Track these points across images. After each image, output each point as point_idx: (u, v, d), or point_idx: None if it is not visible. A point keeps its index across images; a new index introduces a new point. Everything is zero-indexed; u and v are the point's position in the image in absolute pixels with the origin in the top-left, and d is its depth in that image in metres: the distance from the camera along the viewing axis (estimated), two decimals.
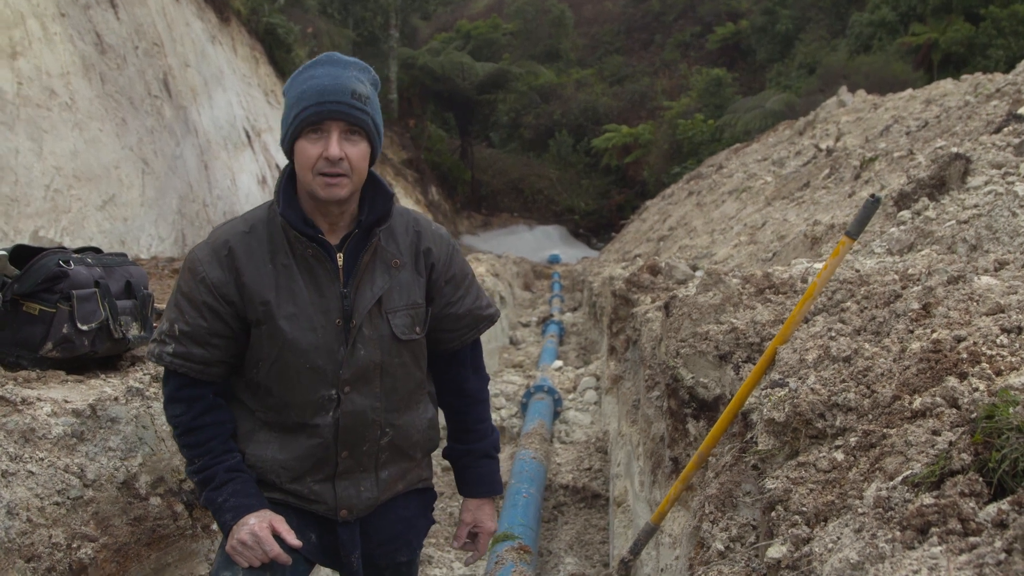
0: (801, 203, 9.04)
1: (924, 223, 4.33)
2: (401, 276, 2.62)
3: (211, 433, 2.49)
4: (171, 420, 2.51)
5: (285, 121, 2.46)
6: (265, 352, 2.48)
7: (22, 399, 2.48)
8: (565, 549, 5.73)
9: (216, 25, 21.34)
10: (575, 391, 9.68)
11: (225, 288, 2.43)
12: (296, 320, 2.46)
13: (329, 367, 2.51)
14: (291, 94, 2.45)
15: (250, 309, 2.45)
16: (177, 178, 14.95)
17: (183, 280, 2.47)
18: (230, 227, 2.53)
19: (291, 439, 2.55)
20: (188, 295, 2.44)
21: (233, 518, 2.41)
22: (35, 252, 3.02)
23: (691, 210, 17.71)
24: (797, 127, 20.42)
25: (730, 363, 3.50)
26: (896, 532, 1.57)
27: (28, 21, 11.31)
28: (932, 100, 12.41)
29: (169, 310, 2.48)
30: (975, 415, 1.76)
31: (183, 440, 2.49)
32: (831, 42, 44.02)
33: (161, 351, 2.44)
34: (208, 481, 2.45)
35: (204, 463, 2.46)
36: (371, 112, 2.46)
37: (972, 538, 1.42)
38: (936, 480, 1.64)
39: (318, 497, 2.60)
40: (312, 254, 2.47)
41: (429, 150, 48.74)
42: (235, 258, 2.44)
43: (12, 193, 9.92)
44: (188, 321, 2.43)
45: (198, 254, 2.47)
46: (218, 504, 2.44)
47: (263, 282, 2.44)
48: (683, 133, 43.79)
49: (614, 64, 62.51)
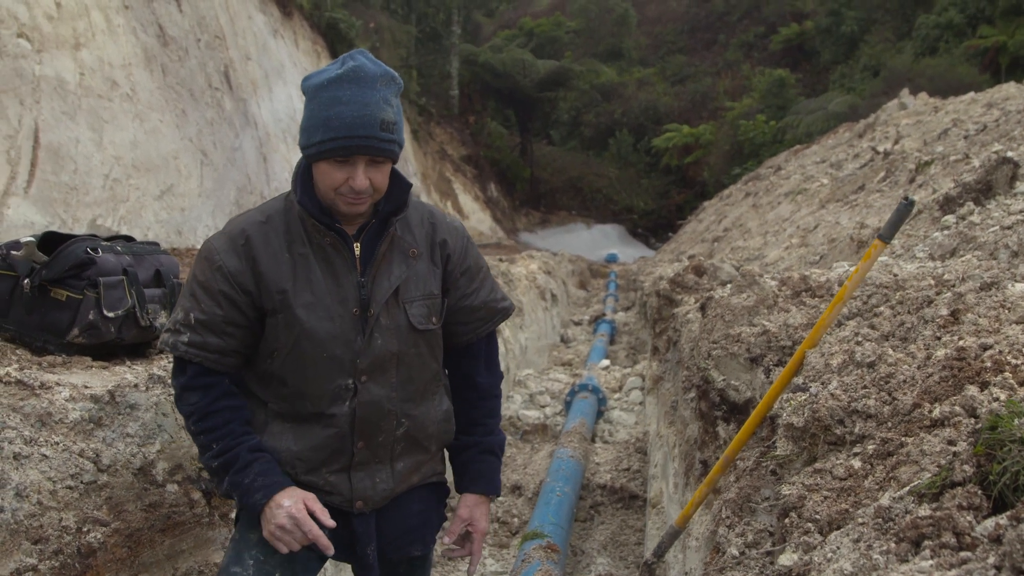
0: (854, 206, 8.89)
1: (968, 228, 4.22)
2: (418, 266, 2.62)
3: (229, 416, 2.46)
4: (186, 408, 2.47)
5: (307, 133, 2.39)
6: (281, 341, 2.47)
7: (40, 383, 2.50)
8: (598, 549, 5.69)
9: (278, 19, 21.57)
10: (621, 391, 9.61)
11: (242, 277, 2.42)
12: (313, 309, 2.45)
13: (346, 356, 2.50)
14: (316, 113, 2.37)
15: (267, 298, 2.44)
16: (235, 170, 15.11)
17: (198, 269, 2.45)
18: (246, 217, 2.53)
19: (306, 430, 2.53)
20: (204, 284, 2.43)
21: (264, 497, 2.38)
22: (64, 239, 3.06)
23: (746, 211, 17.53)
24: (857, 129, 20.13)
25: (761, 366, 3.44)
26: (892, 544, 1.52)
27: (92, 13, 11.50)
28: (993, 104, 12.14)
29: (184, 299, 2.47)
30: (980, 426, 1.70)
31: (200, 426, 2.44)
32: (896, 44, 43.28)
33: (176, 340, 2.42)
34: (231, 463, 2.41)
35: (225, 445, 2.43)
36: (397, 138, 2.43)
37: (964, 553, 1.37)
38: (937, 492, 1.59)
39: (333, 488, 2.59)
40: (330, 243, 2.47)
41: (489, 147, 48.86)
42: (252, 247, 2.44)
43: (72, 182, 10.09)
44: (204, 309, 2.42)
45: (214, 243, 2.46)
46: (245, 485, 2.40)
47: (280, 271, 2.44)
48: (744, 134, 43.38)
49: (676, 63, 62.08)
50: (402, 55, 38.26)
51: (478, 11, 59.67)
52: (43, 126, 9.74)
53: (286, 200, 2.54)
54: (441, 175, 38.88)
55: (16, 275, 2.96)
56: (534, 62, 50.02)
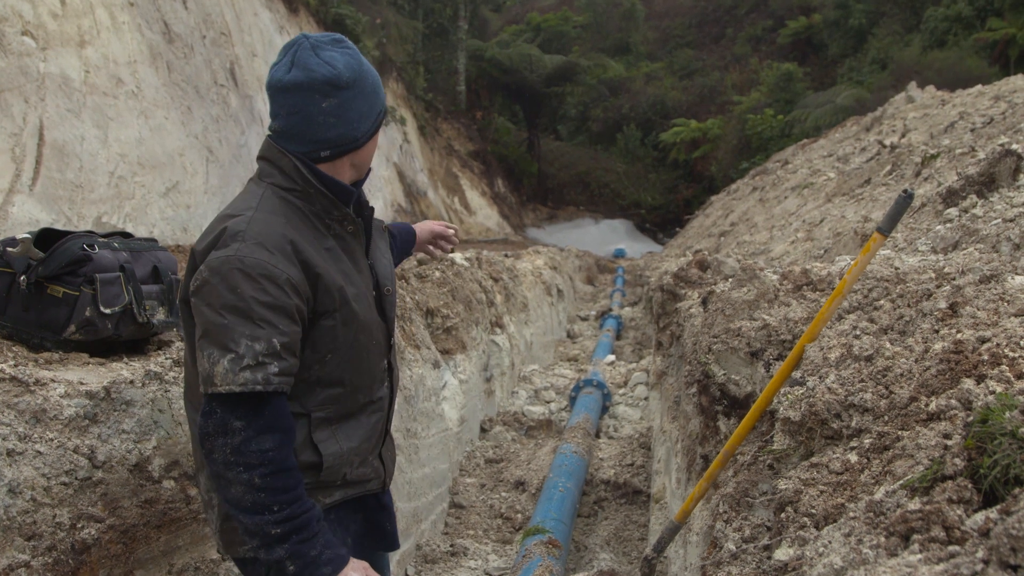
0: (861, 200, 8.86)
1: (970, 221, 4.20)
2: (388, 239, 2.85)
3: (299, 477, 2.29)
4: (253, 457, 2.19)
5: (370, 114, 2.44)
6: (340, 341, 2.41)
7: (35, 380, 2.50)
8: (601, 544, 5.67)
9: (284, 15, 21.58)
10: (626, 386, 9.60)
11: (303, 286, 2.30)
12: (359, 300, 2.46)
13: (382, 338, 2.58)
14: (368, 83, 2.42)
15: (326, 299, 2.36)
16: (241, 166, 15.12)
17: (255, 290, 2.21)
18: (267, 223, 2.32)
19: (353, 423, 2.52)
20: (274, 304, 2.22)
21: (333, 572, 2.27)
22: (60, 235, 3.05)
23: (753, 206, 17.50)
24: (864, 123, 20.08)
25: (761, 360, 3.43)
26: (882, 538, 1.51)
27: (97, 10, 11.52)
28: (1000, 96, 12.09)
29: (247, 328, 2.19)
30: (971, 419, 1.69)
31: (270, 482, 2.20)
32: (905, 37, 43.14)
33: (267, 375, 2.18)
34: (297, 531, 2.23)
35: (293, 511, 2.23)
36: None
37: (953, 547, 1.36)
38: (928, 485, 1.58)
39: (376, 473, 2.65)
40: (352, 231, 2.51)
41: (496, 142, 48.83)
42: (300, 251, 2.31)
43: (77, 179, 10.11)
44: (284, 331, 2.23)
45: (260, 256, 2.24)
46: (311, 557, 2.24)
47: (330, 268, 2.38)
48: (752, 128, 43.28)
49: (684, 58, 61.99)
50: (409, 51, 38.23)
51: (485, 6, 59.53)
52: (48, 124, 9.76)
53: (279, 199, 2.40)
54: (448, 171, 38.87)
55: (12, 272, 2.96)
56: (541, 57, 49.99)
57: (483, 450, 7.39)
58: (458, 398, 6.76)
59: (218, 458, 2.19)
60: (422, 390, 5.59)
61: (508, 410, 8.55)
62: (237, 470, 2.17)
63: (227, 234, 2.27)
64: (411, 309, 5.99)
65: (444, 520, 6.05)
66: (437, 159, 37.71)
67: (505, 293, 9.94)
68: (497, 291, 9.54)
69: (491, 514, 6.16)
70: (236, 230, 2.27)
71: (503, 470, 6.94)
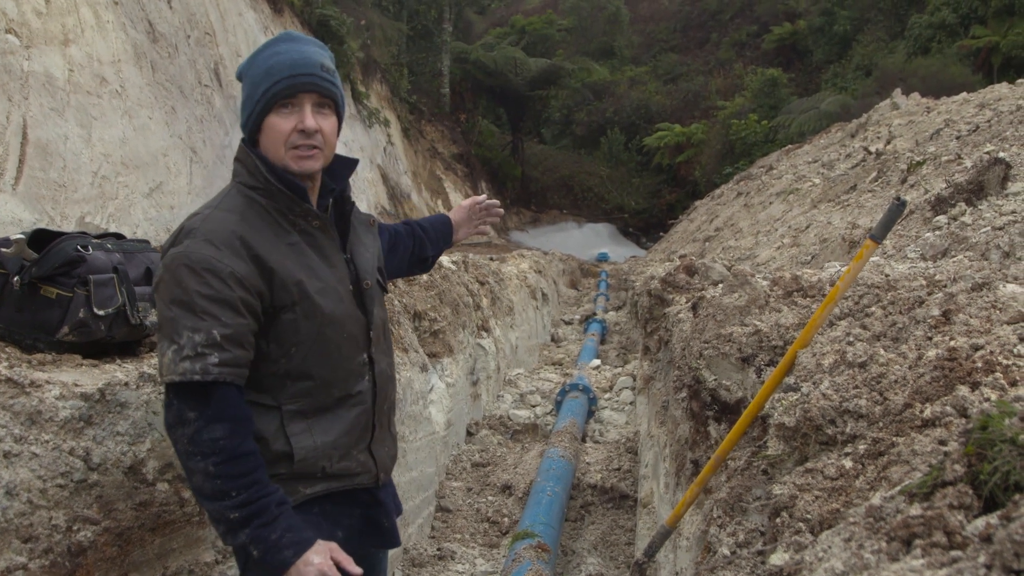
0: (846, 206, 8.91)
1: (959, 228, 4.23)
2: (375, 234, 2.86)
3: (255, 462, 2.29)
4: (206, 446, 2.23)
5: (251, 99, 2.45)
6: (303, 334, 2.43)
7: (31, 381, 2.48)
8: (589, 549, 5.69)
9: (269, 15, 21.54)
10: (611, 390, 9.62)
11: (253, 279, 2.32)
12: (325, 293, 2.47)
13: (359, 332, 2.58)
14: (256, 70, 2.45)
15: (283, 294, 2.38)
16: (225, 167, 15.06)
17: (199, 284, 2.25)
18: (219, 221, 2.38)
19: (332, 417, 2.53)
20: (216, 296, 2.26)
21: (294, 555, 2.26)
22: (54, 236, 3.04)
23: (738, 211, 17.56)
24: (849, 129, 20.18)
25: (752, 366, 3.44)
26: (883, 543, 1.52)
27: (81, 9, 11.47)
28: (986, 104, 12.18)
29: (190, 320, 2.24)
30: (971, 426, 1.70)
31: (223, 469, 2.23)
32: (889, 44, 43.38)
33: (205, 365, 2.21)
34: (255, 516, 2.25)
35: (249, 496, 2.24)
36: (339, 85, 2.55)
37: (955, 552, 1.38)
38: (928, 491, 1.59)
39: (363, 467, 2.64)
40: (318, 226, 2.53)
41: (480, 145, 48.82)
42: (251, 246, 2.34)
43: (60, 179, 10.06)
44: (227, 323, 2.26)
45: (205, 251, 2.29)
46: (271, 541, 2.25)
47: (286, 263, 2.40)
48: (736, 133, 43.38)
49: (668, 62, 62.15)
50: (393, 52, 38.23)
51: (469, 8, 59.60)
52: (31, 122, 9.71)
53: (243, 197, 2.46)
54: (432, 173, 38.84)
55: (5, 272, 2.95)
56: (525, 60, 49.97)
57: (469, 454, 7.39)
58: (445, 401, 6.76)
59: (180, 448, 2.28)
60: (410, 393, 5.59)
61: (494, 414, 8.55)
62: (195, 459, 2.24)
63: (183, 232, 2.38)
64: (399, 312, 5.99)
65: (431, 524, 6.05)
66: (421, 161, 37.67)
67: (491, 296, 9.95)
68: (483, 294, 9.55)
69: (478, 518, 6.16)
70: (190, 228, 2.37)
71: (489, 474, 6.94)
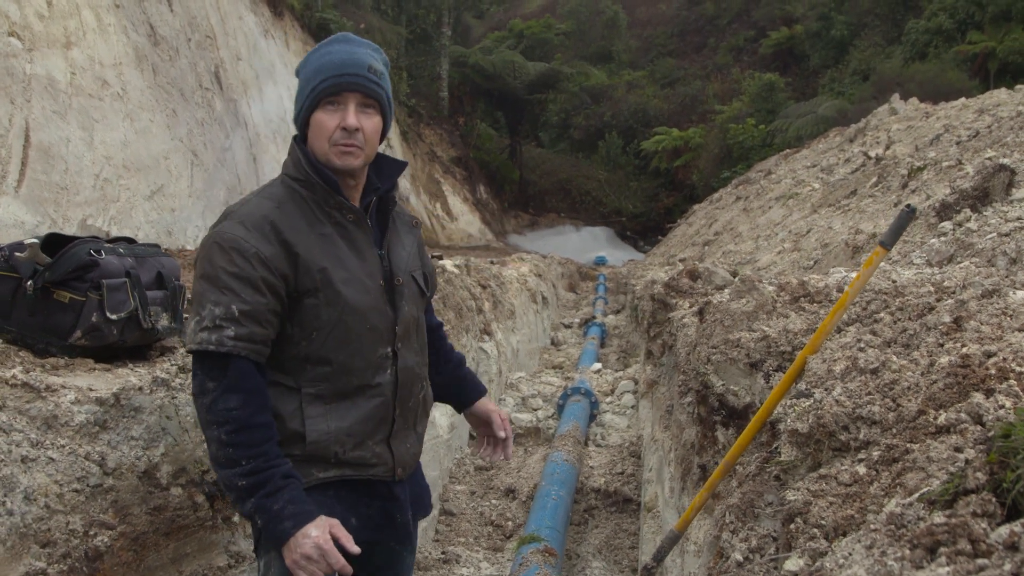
0: (847, 211, 8.92)
1: (965, 235, 4.25)
2: (418, 235, 2.91)
3: (267, 434, 2.38)
4: (220, 415, 2.33)
5: (301, 95, 2.60)
6: (323, 320, 2.50)
7: (46, 386, 2.49)
8: (593, 553, 5.69)
9: (269, 19, 21.57)
10: (613, 394, 9.63)
11: (278, 261, 2.42)
12: (350, 284, 2.53)
13: (384, 326, 2.62)
14: (308, 69, 2.59)
15: (306, 279, 2.47)
16: (226, 170, 15.10)
17: (225, 260, 2.38)
18: (255, 206, 2.51)
19: (349, 405, 2.57)
20: (239, 274, 2.37)
21: (294, 526, 2.31)
22: (67, 240, 3.05)
23: (737, 215, 17.58)
24: (848, 134, 20.21)
25: (760, 371, 3.45)
26: (906, 550, 1.53)
27: (83, 12, 11.47)
28: (985, 110, 12.20)
29: (213, 294, 2.36)
30: (992, 433, 1.72)
31: (234, 438, 2.32)
32: (886, 49, 43.50)
33: (221, 336, 2.32)
34: (260, 485, 2.32)
35: (256, 466, 2.32)
36: (385, 87, 2.63)
37: (980, 559, 1.39)
38: (950, 499, 1.60)
39: (379, 459, 2.65)
40: (352, 220, 2.59)
41: (478, 148, 48.88)
42: (280, 231, 2.45)
43: (62, 181, 10.05)
44: (246, 300, 2.36)
45: (236, 232, 2.41)
46: (273, 512, 2.31)
47: (313, 250, 2.48)
48: (734, 137, 43.48)
49: (666, 67, 62.27)
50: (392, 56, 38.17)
51: (468, 13, 59.60)
52: (33, 125, 9.70)
53: (287, 188, 2.58)
54: (430, 176, 38.87)
55: (19, 277, 2.95)
56: (524, 64, 50.06)
57: (473, 457, 7.40)
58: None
59: (200, 417, 2.40)
60: None
61: None
62: (212, 428, 2.35)
63: (224, 215, 2.52)
64: None
65: (435, 527, 6.06)
66: (419, 165, 37.71)
67: (493, 300, 9.96)
68: (485, 298, 9.56)
69: (482, 521, 6.17)
70: (230, 211, 2.52)
71: (493, 477, 6.95)
